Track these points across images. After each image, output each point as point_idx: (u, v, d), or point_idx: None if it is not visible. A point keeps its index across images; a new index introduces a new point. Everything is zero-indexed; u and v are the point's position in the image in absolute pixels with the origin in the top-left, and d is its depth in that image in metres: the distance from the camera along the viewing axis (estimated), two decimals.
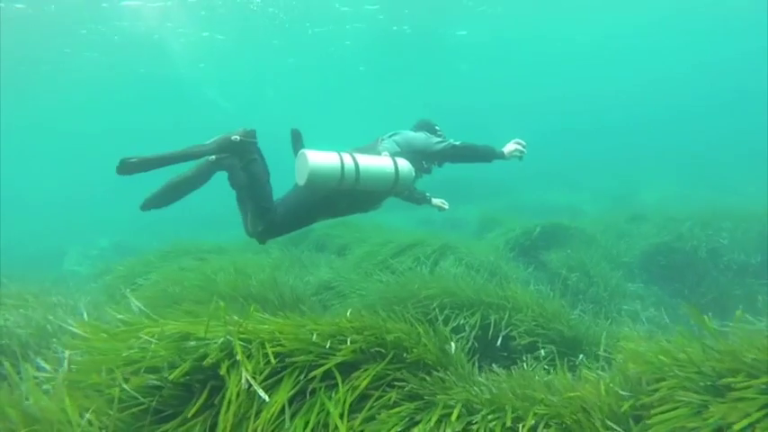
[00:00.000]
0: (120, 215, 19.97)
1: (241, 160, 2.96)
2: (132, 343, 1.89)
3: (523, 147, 3.45)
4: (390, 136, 3.55)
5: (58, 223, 17.34)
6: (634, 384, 1.93)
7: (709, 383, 1.74)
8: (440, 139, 3.52)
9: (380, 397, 1.85)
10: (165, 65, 21.98)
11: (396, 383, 1.93)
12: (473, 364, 2.33)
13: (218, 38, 20.41)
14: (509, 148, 3.46)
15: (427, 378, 1.98)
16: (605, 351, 2.77)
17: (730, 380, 1.66)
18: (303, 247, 6.72)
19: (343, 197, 3.14)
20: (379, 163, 3.16)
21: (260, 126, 3.09)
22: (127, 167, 2.63)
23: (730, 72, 31.05)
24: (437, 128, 3.77)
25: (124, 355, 1.84)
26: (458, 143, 3.48)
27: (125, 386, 1.72)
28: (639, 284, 6.12)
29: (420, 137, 3.54)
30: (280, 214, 3.11)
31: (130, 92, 26.29)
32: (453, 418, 1.77)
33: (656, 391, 1.80)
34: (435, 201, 4.02)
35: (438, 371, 2.09)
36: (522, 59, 28.84)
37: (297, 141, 3.21)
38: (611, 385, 1.91)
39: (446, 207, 4.04)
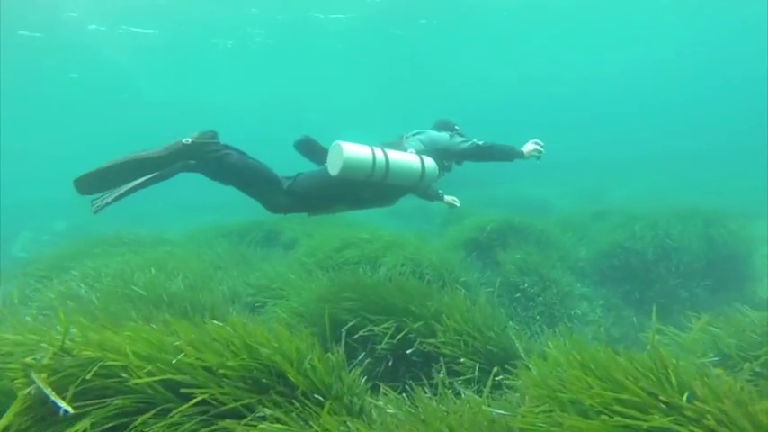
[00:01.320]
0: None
1: (212, 161, 2.90)
2: None
3: (541, 147, 3.56)
4: (415, 134, 3.66)
5: (18, 203, 16.61)
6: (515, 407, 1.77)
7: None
8: (464, 139, 3.62)
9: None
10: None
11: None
12: (366, 388, 2.12)
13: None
14: (528, 147, 3.55)
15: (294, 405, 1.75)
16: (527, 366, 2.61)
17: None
18: (251, 240, 6.47)
19: (368, 189, 3.22)
20: (407, 159, 3.24)
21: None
22: (80, 186, 2.65)
23: (721, 67, 31.17)
24: (456, 127, 3.90)
25: None
26: (481, 143, 3.56)
27: None
28: (589, 286, 6.04)
29: (444, 136, 3.64)
30: (301, 186, 3.18)
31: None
32: None
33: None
34: (447, 198, 4.16)
35: (323, 397, 1.88)
36: (502, 47, 28.63)
37: (311, 144, 3.32)
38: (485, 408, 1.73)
39: (457, 204, 4.19)
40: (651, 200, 12.33)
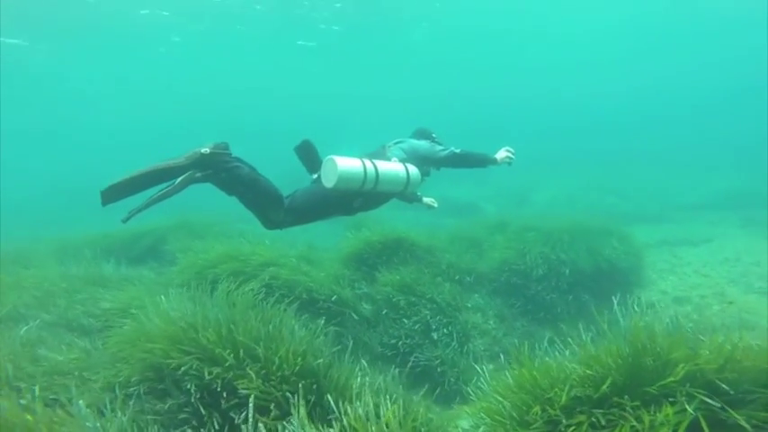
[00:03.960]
0: None
1: (224, 171, 3.08)
2: None
3: (512, 153, 3.85)
4: (396, 143, 3.87)
5: None
6: None
7: None
8: (442, 147, 3.87)
9: None
10: None
11: None
12: None
13: None
14: (500, 154, 3.83)
15: None
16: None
17: None
18: (131, 255, 6.01)
19: (358, 197, 3.45)
20: (394, 168, 3.51)
21: None
22: (106, 197, 2.74)
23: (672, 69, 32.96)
24: (434, 135, 4.11)
25: None
26: (458, 151, 3.82)
27: None
28: (485, 297, 6.06)
29: (424, 144, 3.89)
30: (299, 203, 3.38)
31: None
32: None
33: None
34: (426, 200, 4.37)
35: None
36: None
37: (308, 152, 3.45)
38: None
39: (435, 206, 4.40)
40: (563, 205, 12.79)
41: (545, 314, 5.96)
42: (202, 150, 3.01)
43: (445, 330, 5.15)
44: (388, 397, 2.04)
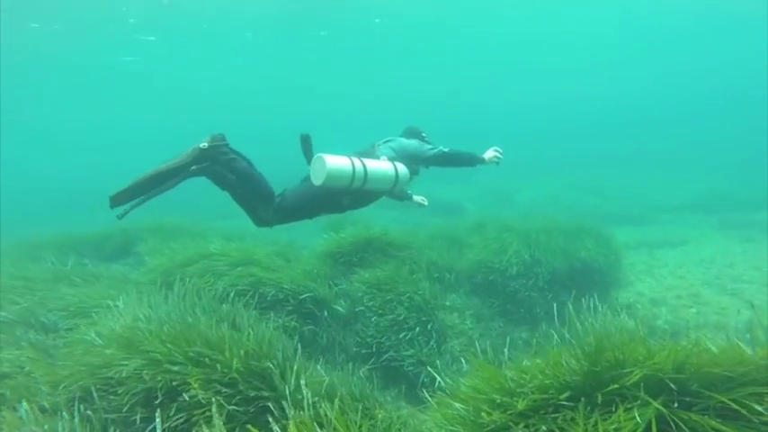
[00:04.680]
0: None
1: (219, 164, 3.17)
2: None
3: (500, 153, 3.87)
4: (385, 142, 3.91)
5: None
6: None
7: None
8: (431, 146, 3.90)
9: None
10: None
11: None
12: None
13: None
14: (488, 154, 3.86)
15: None
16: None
17: None
18: (102, 253, 5.84)
19: (348, 195, 3.48)
20: (382, 167, 3.52)
21: None
22: (114, 202, 2.85)
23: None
24: (424, 134, 4.15)
25: None
26: (447, 150, 3.84)
27: None
28: (462, 297, 6.00)
29: (413, 143, 3.93)
30: (289, 202, 3.42)
31: None
32: None
33: None
34: (416, 198, 4.40)
35: None
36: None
37: (307, 144, 3.42)
38: None
39: (425, 204, 4.43)
40: (545, 205, 12.84)
41: (523, 314, 5.94)
42: (201, 145, 3.10)
43: (422, 329, 5.08)
44: (339, 399, 1.96)
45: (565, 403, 1.73)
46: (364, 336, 4.88)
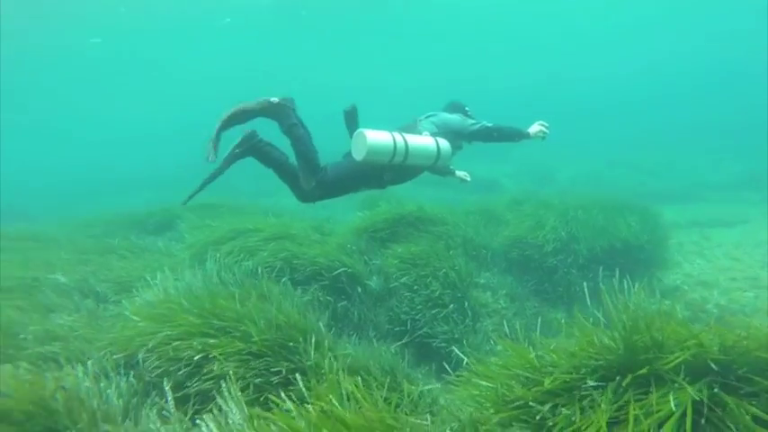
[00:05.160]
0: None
1: (282, 124, 3.30)
2: None
3: (546, 128, 3.80)
4: (427, 117, 3.87)
5: None
6: None
7: None
8: (474, 121, 3.86)
9: None
10: None
11: None
12: None
13: None
14: (534, 129, 3.81)
15: None
16: None
17: None
18: (143, 228, 6.10)
19: (389, 171, 3.49)
20: (424, 142, 3.52)
21: None
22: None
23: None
24: (467, 108, 4.08)
25: None
26: (490, 125, 3.80)
27: None
28: (497, 275, 5.89)
29: (456, 118, 3.89)
30: (330, 176, 3.43)
31: None
32: None
33: None
34: (459, 173, 4.31)
35: None
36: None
37: (352, 118, 3.46)
38: None
39: (468, 179, 4.37)
40: (587, 183, 12.33)
41: (560, 294, 5.77)
42: (272, 99, 3.24)
43: (456, 306, 5.02)
44: (366, 372, 1.96)
45: (595, 384, 1.66)
46: (398, 312, 4.85)
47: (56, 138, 35.14)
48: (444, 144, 3.61)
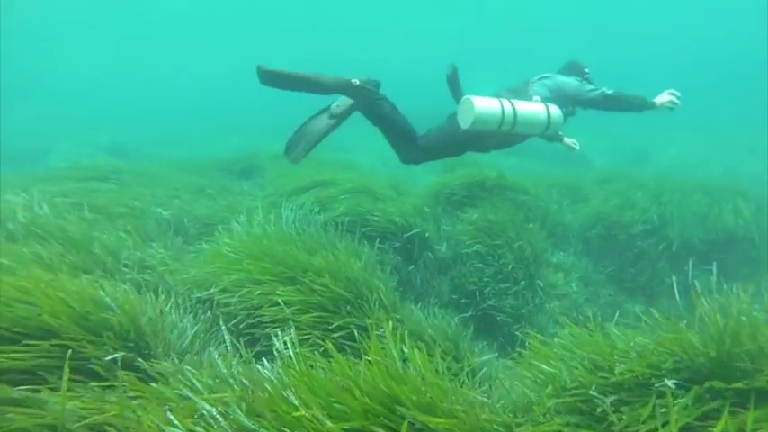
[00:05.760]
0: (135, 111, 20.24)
1: (363, 105, 3.26)
2: None
3: (677, 98, 3.49)
4: (540, 79, 3.64)
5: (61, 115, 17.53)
6: None
7: None
8: (592, 87, 3.58)
9: None
10: None
11: None
12: None
13: None
14: (662, 98, 3.51)
15: None
16: None
17: None
18: (231, 171, 6.49)
19: (494, 137, 3.37)
20: (534, 109, 3.33)
21: None
22: (265, 77, 3.03)
23: None
24: (586, 71, 3.78)
25: None
26: (610, 92, 3.51)
27: None
28: (572, 255, 5.58)
29: (572, 83, 3.61)
30: (434, 141, 3.43)
31: None
32: None
33: None
34: (567, 140, 4.00)
35: None
36: None
37: (454, 80, 3.35)
38: None
39: (577, 147, 4.07)
40: (692, 166, 11.09)
41: (641, 284, 5.35)
42: (352, 81, 3.17)
43: (528, 283, 4.83)
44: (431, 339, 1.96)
45: (673, 385, 1.52)
46: (463, 281, 4.76)
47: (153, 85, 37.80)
48: (556, 112, 3.37)
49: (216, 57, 35.91)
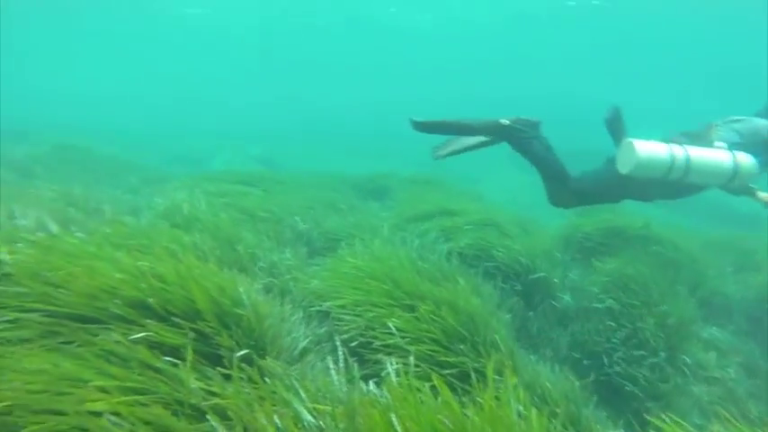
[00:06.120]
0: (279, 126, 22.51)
1: (515, 144, 3.22)
2: None
3: None
4: (728, 122, 3.27)
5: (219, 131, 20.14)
6: None
7: None
8: None
9: None
10: None
11: None
12: None
13: None
14: None
15: None
16: None
17: None
18: (361, 189, 6.79)
19: (661, 186, 3.06)
20: (714, 157, 2.94)
21: None
22: (417, 127, 3.14)
23: None
24: None
25: None
26: None
27: None
28: (732, 334, 4.67)
29: None
30: (588, 185, 3.27)
31: None
32: None
33: None
34: (761, 194, 3.29)
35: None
36: None
37: (616, 120, 3.13)
38: None
39: None
40: None
41: None
42: (501, 120, 3.15)
43: (668, 356, 4.14)
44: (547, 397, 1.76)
45: None
46: (588, 340, 4.26)
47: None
48: (745, 161, 2.91)
49: (370, 87, 39.07)
